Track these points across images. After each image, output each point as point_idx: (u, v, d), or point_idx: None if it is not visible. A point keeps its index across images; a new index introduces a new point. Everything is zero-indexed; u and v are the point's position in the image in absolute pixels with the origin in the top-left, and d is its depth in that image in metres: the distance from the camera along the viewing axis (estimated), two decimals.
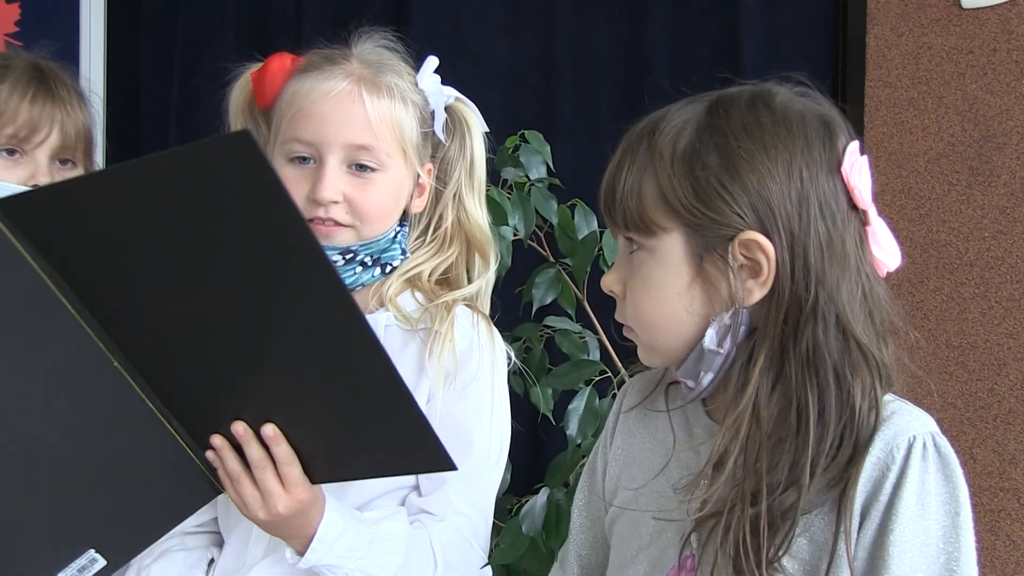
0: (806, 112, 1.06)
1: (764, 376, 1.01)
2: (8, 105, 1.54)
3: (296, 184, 1.29)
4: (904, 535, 0.97)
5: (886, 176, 2.31)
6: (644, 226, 1.05)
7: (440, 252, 1.41)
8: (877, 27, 2.33)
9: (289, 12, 2.58)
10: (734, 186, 1.01)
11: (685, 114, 1.07)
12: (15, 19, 2.51)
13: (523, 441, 2.32)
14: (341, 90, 1.29)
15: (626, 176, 1.06)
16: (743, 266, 1.02)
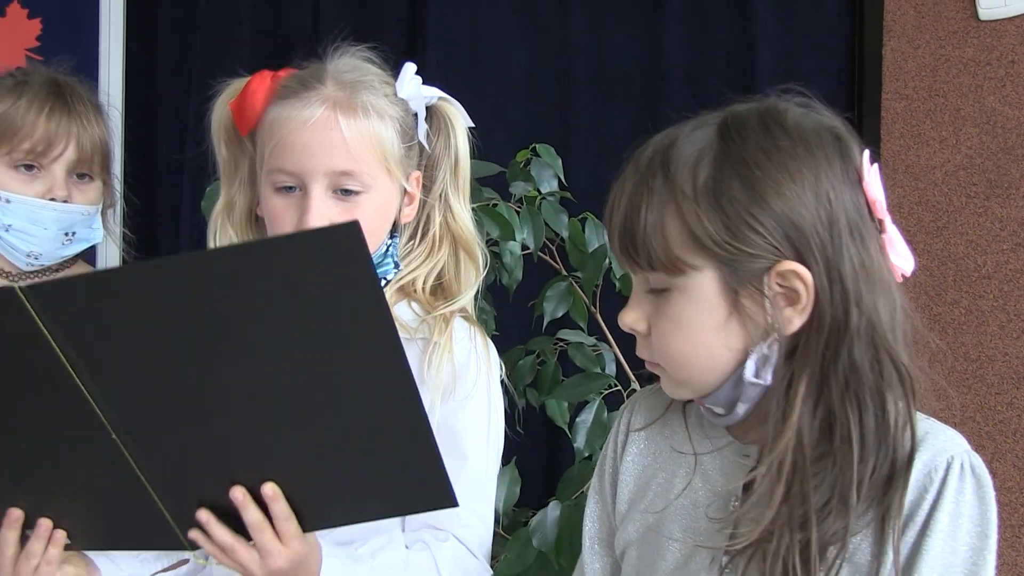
0: (819, 128, 1.04)
1: (806, 402, 0.99)
2: (25, 120, 1.55)
3: (285, 213, 1.30)
4: (933, 555, 0.97)
5: (903, 188, 2.29)
6: (673, 266, 1.00)
7: (431, 257, 1.40)
8: (894, 39, 2.32)
9: (306, 26, 2.59)
10: (764, 216, 0.98)
11: (696, 141, 1.03)
12: (36, 34, 2.54)
13: (535, 453, 2.32)
14: (317, 118, 1.28)
15: (645, 215, 1.01)
16: (779, 295, 0.99)
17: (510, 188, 1.98)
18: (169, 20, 2.69)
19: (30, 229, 1.57)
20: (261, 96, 1.34)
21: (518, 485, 1.96)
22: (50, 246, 1.60)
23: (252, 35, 2.61)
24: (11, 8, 2.53)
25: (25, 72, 1.65)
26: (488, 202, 1.93)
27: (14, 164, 1.57)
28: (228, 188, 1.41)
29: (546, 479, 2.30)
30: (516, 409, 2.06)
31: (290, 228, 1.29)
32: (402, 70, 1.38)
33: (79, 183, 1.61)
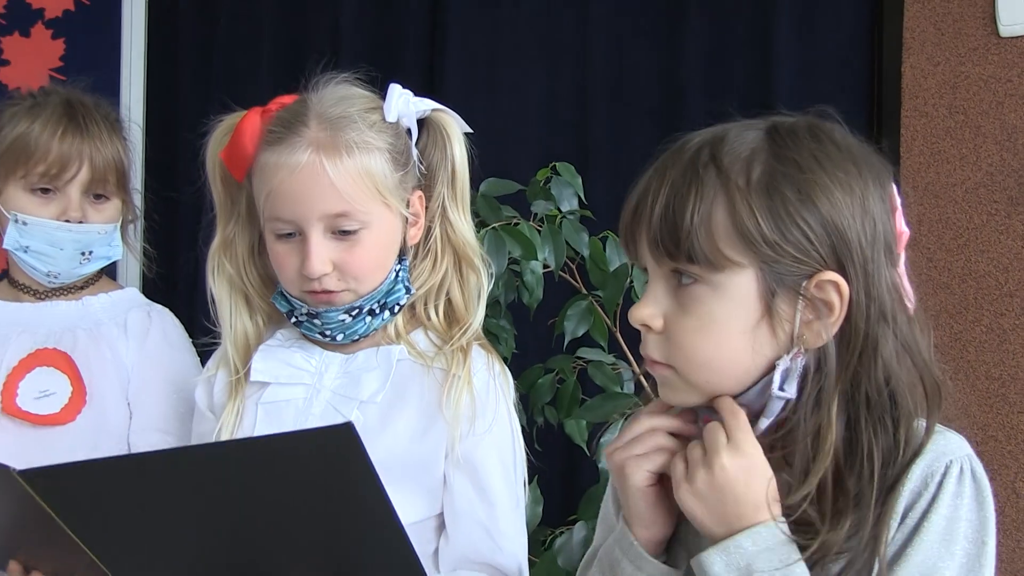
0: (864, 148, 1.03)
1: (839, 419, 0.98)
2: (39, 144, 1.57)
3: (287, 259, 1.31)
4: (922, 555, 0.96)
5: (923, 206, 2.29)
6: (715, 262, 0.97)
7: (434, 272, 1.39)
8: (913, 56, 2.32)
9: (325, 47, 2.60)
10: (813, 220, 0.97)
11: (747, 140, 1.01)
12: (60, 54, 2.56)
13: (556, 473, 2.32)
14: (304, 164, 1.27)
15: (694, 205, 0.98)
16: (813, 305, 0.98)
17: (531, 207, 1.99)
18: (190, 40, 2.71)
19: (47, 250, 1.59)
20: (251, 138, 1.33)
21: (540, 505, 1.96)
22: (67, 265, 1.61)
23: (272, 55, 2.63)
24: (35, 29, 2.56)
25: (45, 92, 1.67)
26: (509, 221, 1.93)
27: (30, 187, 1.58)
28: (224, 226, 1.41)
29: (566, 497, 2.29)
30: (534, 427, 2.07)
31: (293, 273, 1.30)
32: (388, 93, 1.36)
33: (95, 203, 1.62)
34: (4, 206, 1.59)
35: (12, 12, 2.55)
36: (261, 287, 1.41)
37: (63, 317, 1.65)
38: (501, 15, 2.49)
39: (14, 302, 1.66)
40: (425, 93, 2.48)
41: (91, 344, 1.64)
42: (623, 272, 1.91)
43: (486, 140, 2.44)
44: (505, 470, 1.33)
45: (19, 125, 1.59)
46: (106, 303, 1.69)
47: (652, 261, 1.02)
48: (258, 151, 1.32)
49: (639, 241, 1.03)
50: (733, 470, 0.97)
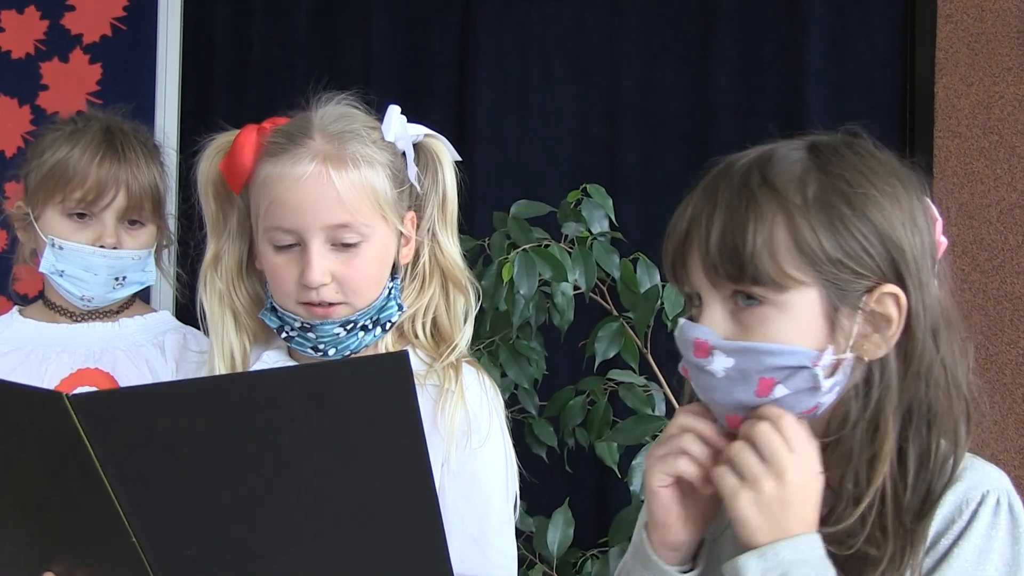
0: (903, 164, 1.03)
1: (894, 431, 0.98)
2: (77, 170, 1.58)
3: (285, 270, 1.31)
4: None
5: (957, 227, 2.27)
6: (779, 282, 0.97)
7: (422, 293, 1.41)
8: (946, 76, 2.31)
9: (357, 69, 2.63)
10: (870, 233, 0.97)
11: (793, 158, 1.01)
12: (97, 78, 2.60)
13: (588, 495, 2.31)
14: (309, 174, 1.29)
15: (754, 227, 0.97)
16: (872, 319, 0.98)
17: (561, 228, 1.99)
18: (225, 64, 2.74)
19: (81, 275, 1.60)
20: (249, 152, 1.34)
21: (571, 527, 1.96)
22: (100, 290, 1.62)
23: (305, 78, 2.64)
24: (73, 54, 2.59)
25: (86, 118, 1.68)
26: (540, 243, 1.94)
27: (67, 212, 1.59)
28: (216, 241, 1.42)
29: (597, 520, 2.28)
30: (565, 449, 2.06)
31: (291, 284, 1.31)
32: (387, 113, 1.38)
33: (130, 229, 1.63)
34: (42, 230, 1.61)
35: (52, 38, 2.59)
36: (250, 304, 1.42)
37: (101, 338, 1.66)
38: (531, 38, 2.50)
39: (50, 323, 1.67)
40: (456, 116, 2.54)
41: (130, 364, 1.64)
42: (654, 294, 1.91)
43: (517, 162, 2.48)
44: (498, 485, 1.34)
45: (59, 150, 1.60)
46: (142, 325, 1.70)
47: (708, 285, 1.02)
48: (257, 164, 1.34)
49: (691, 266, 1.03)
50: (802, 481, 0.96)
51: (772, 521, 0.96)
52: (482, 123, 2.49)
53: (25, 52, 2.58)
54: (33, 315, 1.70)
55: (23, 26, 2.58)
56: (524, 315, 1.92)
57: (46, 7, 2.59)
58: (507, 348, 1.98)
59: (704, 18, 2.39)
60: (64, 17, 2.59)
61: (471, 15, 2.54)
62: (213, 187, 1.40)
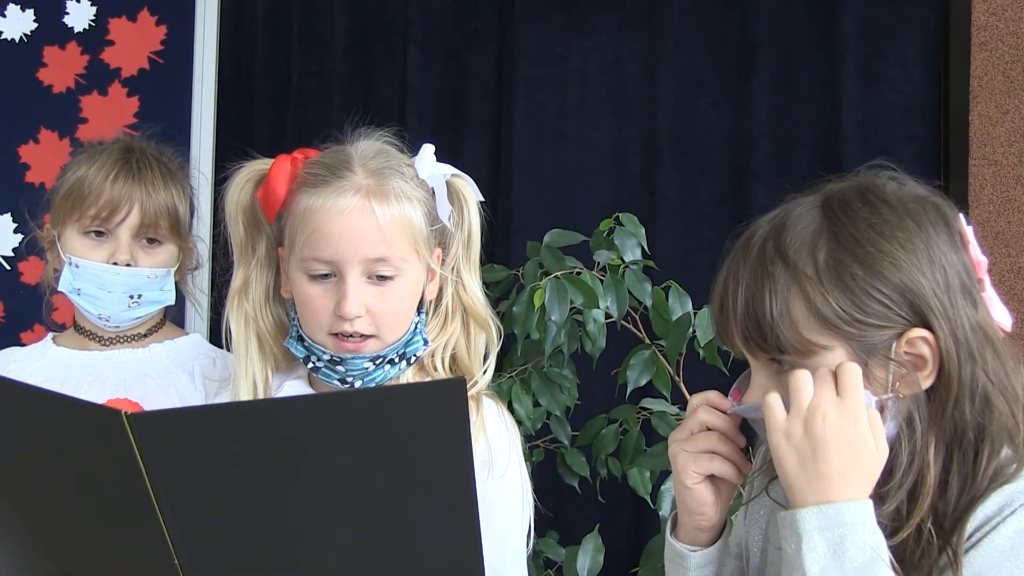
0: (919, 199, 1.06)
1: (936, 462, 1.01)
2: (92, 186, 1.59)
3: (320, 300, 1.33)
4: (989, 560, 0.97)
5: (994, 255, 2.25)
6: (804, 349, 1.01)
7: (444, 330, 1.42)
8: (981, 104, 2.29)
9: (394, 101, 2.65)
10: (886, 288, 1.00)
11: (805, 224, 1.05)
12: (134, 111, 2.64)
13: (620, 524, 2.29)
14: (353, 207, 1.30)
15: (770, 302, 1.02)
16: (906, 362, 1.01)
17: (594, 256, 1.99)
18: (263, 96, 2.78)
19: (97, 293, 1.60)
20: (283, 182, 1.36)
21: (602, 554, 1.94)
22: (116, 308, 1.62)
23: (341, 109, 2.68)
24: (112, 87, 2.64)
25: (113, 140, 1.69)
26: (572, 270, 1.94)
27: (83, 230, 1.60)
28: (245, 268, 1.43)
29: (630, 549, 2.26)
30: (598, 478, 2.05)
31: (324, 314, 1.32)
32: (421, 151, 1.40)
33: (147, 247, 1.63)
34: (63, 249, 1.61)
35: (91, 72, 2.64)
36: (275, 331, 1.43)
37: (131, 364, 1.67)
38: (568, 70, 2.52)
39: (82, 350, 1.68)
40: (492, 147, 2.55)
41: (160, 393, 1.64)
42: (686, 321, 1.90)
43: (555, 193, 2.49)
44: (514, 516, 1.35)
45: (79, 170, 1.62)
46: (172, 350, 1.70)
47: (748, 354, 1.07)
48: (294, 194, 1.35)
49: (732, 336, 1.08)
50: (834, 424, 0.98)
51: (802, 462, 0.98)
52: (520, 154, 2.50)
53: (66, 86, 2.63)
54: (66, 343, 1.70)
55: (64, 61, 2.64)
56: (556, 342, 1.91)
57: (87, 42, 2.64)
58: (539, 376, 1.97)
59: (741, 49, 2.40)
60: (104, 52, 2.64)
61: (507, 46, 2.56)
62: (243, 214, 1.42)
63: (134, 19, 2.65)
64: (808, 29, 2.36)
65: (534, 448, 2.08)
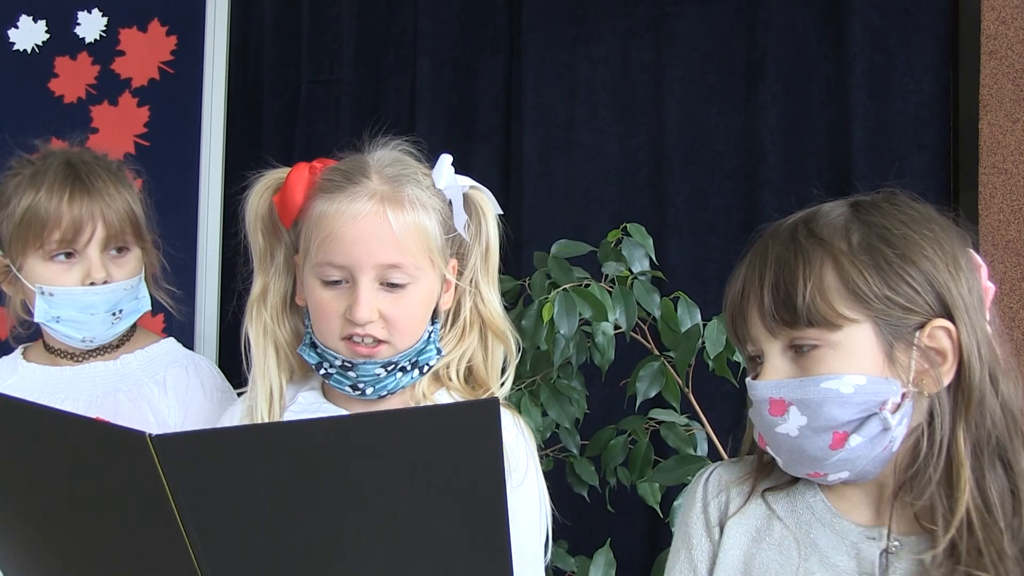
0: (942, 215, 1.10)
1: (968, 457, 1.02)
2: (49, 211, 1.54)
3: (332, 305, 1.33)
4: None
5: (1004, 265, 2.24)
6: (831, 320, 1.04)
7: (462, 341, 1.42)
8: (991, 113, 2.29)
9: (403, 110, 2.66)
10: (917, 274, 1.03)
11: (835, 214, 1.09)
12: (144, 121, 2.65)
13: (630, 535, 2.29)
14: (367, 212, 1.31)
15: (804, 273, 1.05)
16: (927, 353, 1.04)
17: (602, 268, 1.99)
18: (272, 106, 2.79)
19: (78, 317, 1.58)
20: (301, 188, 1.36)
21: (613, 568, 1.94)
22: (100, 328, 1.60)
23: (350, 119, 2.68)
24: (123, 97, 2.65)
25: (43, 156, 1.64)
26: (580, 282, 1.94)
27: (49, 255, 1.56)
28: (264, 276, 1.43)
29: (641, 561, 2.26)
30: (607, 489, 2.05)
31: (336, 319, 1.33)
32: (439, 161, 1.40)
33: (117, 258, 1.61)
34: (28, 279, 1.57)
35: (102, 82, 2.65)
36: (291, 339, 1.44)
37: (103, 380, 1.64)
38: (577, 79, 2.52)
39: (52, 366, 1.65)
40: (502, 157, 2.55)
41: (132, 408, 1.62)
42: (695, 332, 1.90)
43: (564, 203, 2.49)
44: (531, 525, 1.36)
45: (25, 197, 1.56)
46: (143, 360, 1.68)
47: (767, 336, 1.08)
48: (311, 200, 1.35)
49: (750, 322, 1.09)
50: None
51: None
52: (529, 164, 2.50)
53: (77, 96, 2.64)
54: (36, 359, 1.67)
55: (75, 71, 2.65)
56: (565, 354, 1.91)
57: (98, 53, 2.66)
58: (548, 388, 1.97)
59: (750, 58, 2.39)
60: (114, 62, 2.66)
61: (516, 56, 2.57)
62: (262, 222, 1.42)
63: (144, 29, 2.66)
64: (817, 38, 2.36)
65: (543, 457, 2.08)
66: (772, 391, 1.07)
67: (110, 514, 1.03)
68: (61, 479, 1.03)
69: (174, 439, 0.95)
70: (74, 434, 1.00)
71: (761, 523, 1.17)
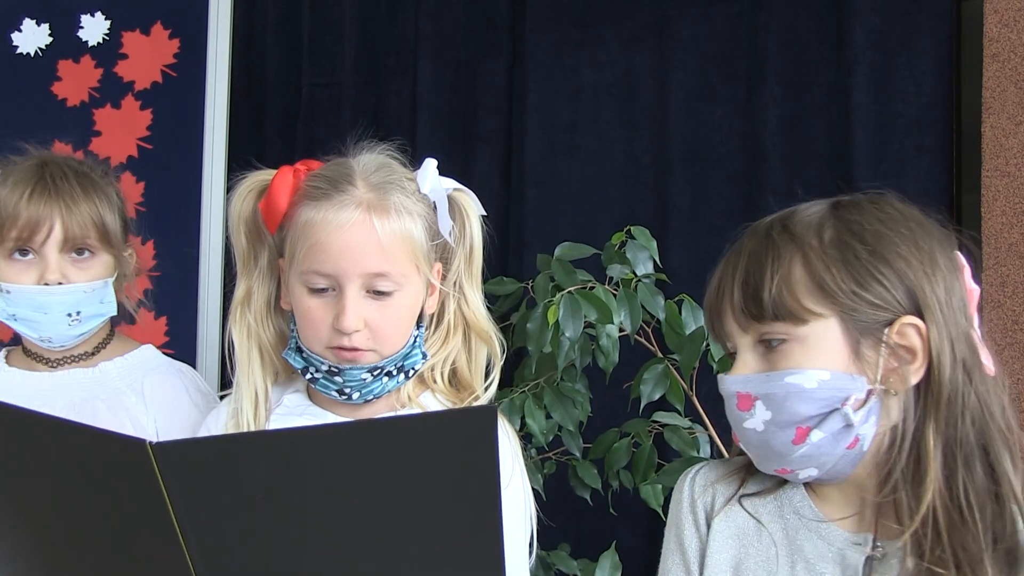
0: (925, 215, 1.10)
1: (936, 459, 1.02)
2: (7, 207, 1.54)
3: (318, 313, 1.33)
4: None
5: (1007, 267, 2.24)
6: (796, 315, 1.04)
7: (446, 344, 1.42)
8: (993, 116, 2.29)
9: (404, 112, 2.66)
10: (888, 271, 1.03)
11: (813, 211, 1.09)
12: (147, 123, 2.65)
13: (634, 538, 2.29)
14: (353, 221, 1.30)
15: (772, 267, 1.06)
16: (896, 351, 1.03)
17: (606, 271, 1.99)
18: (274, 109, 2.79)
19: (33, 316, 1.56)
20: (285, 194, 1.36)
21: (619, 571, 1.94)
22: (56, 329, 1.58)
23: (351, 122, 2.68)
24: (125, 101, 2.65)
25: (25, 156, 1.64)
26: (584, 285, 1.94)
27: (8, 254, 1.55)
28: (247, 279, 1.43)
29: (643, 563, 2.26)
30: (610, 492, 2.05)
31: (323, 328, 1.32)
32: (423, 166, 1.40)
33: (78, 261, 1.58)
34: None
35: (105, 85, 2.65)
36: (275, 342, 1.43)
37: (80, 387, 1.63)
38: (580, 82, 2.52)
39: (31, 371, 1.64)
40: (504, 160, 2.56)
41: (110, 415, 1.61)
42: (699, 335, 1.90)
43: (567, 206, 2.49)
44: (517, 528, 1.36)
45: None
46: (122, 367, 1.67)
47: (739, 331, 1.09)
48: (295, 206, 1.35)
49: (724, 316, 1.10)
50: None
51: None
52: (531, 166, 2.51)
53: (80, 100, 2.65)
54: (17, 363, 1.67)
55: (79, 74, 2.65)
56: (569, 357, 1.91)
57: (101, 56, 2.66)
58: (552, 390, 1.97)
59: (751, 61, 2.40)
60: (117, 65, 2.66)
61: (518, 59, 2.57)
62: (245, 225, 1.42)
63: (147, 33, 2.67)
64: (819, 40, 2.36)
65: (546, 460, 2.08)
66: (739, 385, 1.08)
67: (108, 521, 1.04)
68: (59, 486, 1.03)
69: (174, 446, 0.95)
70: (73, 441, 1.00)
71: (748, 529, 1.17)
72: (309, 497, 0.97)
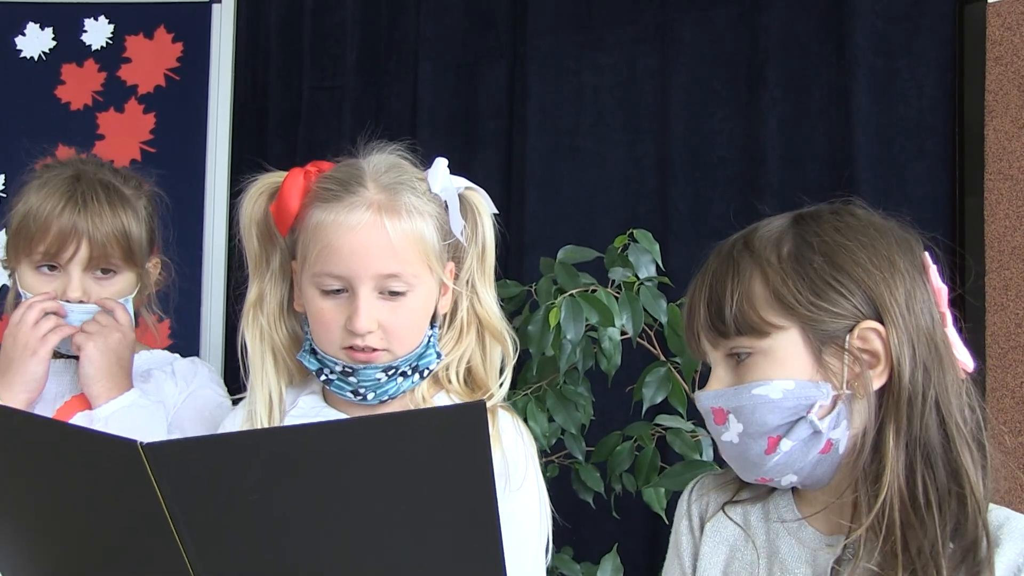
0: (886, 220, 1.14)
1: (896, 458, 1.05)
2: (38, 221, 1.54)
3: (331, 315, 1.33)
4: None
5: (1010, 271, 2.24)
6: (758, 328, 1.08)
7: (459, 343, 1.43)
8: (996, 119, 2.29)
9: (406, 115, 2.66)
10: (846, 280, 1.06)
11: (773, 227, 1.13)
12: (150, 127, 2.66)
13: (636, 541, 2.29)
14: (365, 222, 1.31)
15: (733, 285, 1.09)
16: (859, 357, 1.06)
17: (608, 273, 1.99)
18: (276, 112, 2.79)
19: None
20: (296, 196, 1.36)
21: (620, 573, 1.94)
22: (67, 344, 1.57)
23: (352, 126, 2.69)
24: (128, 104, 2.66)
25: (61, 165, 1.64)
26: (587, 288, 1.94)
27: (35, 265, 1.56)
28: (259, 281, 1.43)
29: (645, 566, 2.26)
30: (612, 495, 2.05)
31: (336, 329, 1.33)
32: (434, 165, 1.40)
33: (101, 279, 1.59)
34: (20, 284, 1.58)
35: (108, 89, 2.66)
36: (289, 344, 1.44)
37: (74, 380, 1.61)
38: (582, 85, 2.52)
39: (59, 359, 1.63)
40: (505, 163, 2.56)
41: (139, 382, 1.62)
42: None
43: (568, 208, 2.49)
44: (532, 527, 1.36)
45: (28, 201, 1.57)
46: (147, 357, 1.69)
47: (710, 347, 1.14)
48: (307, 208, 1.35)
49: (698, 334, 1.14)
50: None
51: None
52: (533, 169, 2.51)
53: (83, 103, 2.65)
54: None
55: (82, 78, 2.66)
56: (571, 360, 1.91)
57: (104, 60, 2.67)
58: (554, 393, 1.97)
59: (752, 64, 2.40)
60: (120, 69, 2.67)
61: (520, 62, 2.57)
62: (257, 227, 1.42)
63: (151, 36, 2.67)
64: (820, 43, 2.36)
65: (548, 464, 2.08)
66: (712, 400, 1.12)
67: (104, 522, 1.04)
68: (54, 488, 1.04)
69: (165, 446, 0.96)
70: (65, 442, 1.01)
71: (737, 535, 1.20)
72: (302, 495, 0.98)
